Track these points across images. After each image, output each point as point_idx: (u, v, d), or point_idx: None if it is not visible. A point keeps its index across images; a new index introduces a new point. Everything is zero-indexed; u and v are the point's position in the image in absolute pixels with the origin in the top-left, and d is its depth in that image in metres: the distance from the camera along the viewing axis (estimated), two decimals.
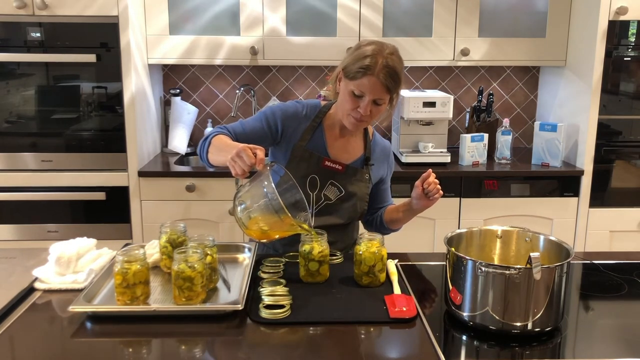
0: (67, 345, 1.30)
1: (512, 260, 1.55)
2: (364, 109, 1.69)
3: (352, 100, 1.70)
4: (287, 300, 1.44)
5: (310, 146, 1.82)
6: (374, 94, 1.67)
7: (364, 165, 1.88)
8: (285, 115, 1.83)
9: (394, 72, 1.67)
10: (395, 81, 1.68)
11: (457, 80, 3.50)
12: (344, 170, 1.83)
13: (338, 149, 1.86)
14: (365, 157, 1.88)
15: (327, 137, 1.84)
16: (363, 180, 1.87)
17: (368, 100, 1.68)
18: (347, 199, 1.86)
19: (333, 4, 3.04)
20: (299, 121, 1.83)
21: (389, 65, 1.66)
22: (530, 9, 3.15)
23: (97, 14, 2.76)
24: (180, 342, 1.31)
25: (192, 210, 2.94)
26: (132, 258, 1.41)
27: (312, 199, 1.83)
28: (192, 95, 3.46)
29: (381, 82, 1.66)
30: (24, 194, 2.90)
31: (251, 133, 1.81)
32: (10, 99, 2.86)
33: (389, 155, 1.98)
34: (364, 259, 1.59)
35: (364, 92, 1.68)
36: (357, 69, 1.67)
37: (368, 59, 1.66)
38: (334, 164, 1.82)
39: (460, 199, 3.00)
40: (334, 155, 1.85)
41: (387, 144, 1.99)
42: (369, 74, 1.65)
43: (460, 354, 1.32)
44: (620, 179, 3.05)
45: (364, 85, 1.67)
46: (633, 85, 2.98)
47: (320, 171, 1.82)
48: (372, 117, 1.73)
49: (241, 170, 1.48)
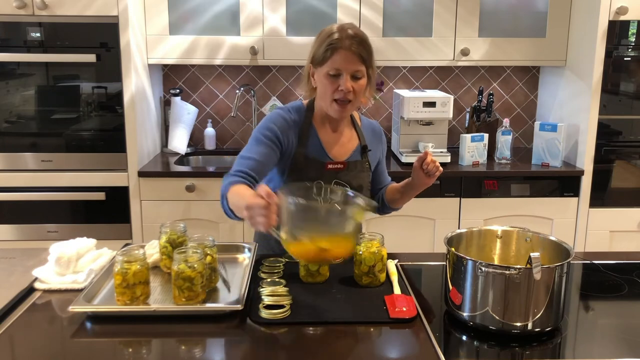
0: (67, 345, 1.30)
1: (512, 260, 1.55)
2: (345, 85, 1.65)
3: (331, 82, 1.67)
4: (287, 300, 1.44)
5: (310, 152, 1.79)
6: (349, 66, 1.65)
7: (362, 155, 1.87)
8: (280, 126, 1.76)
9: (362, 40, 1.65)
10: (366, 49, 1.66)
11: (457, 80, 3.50)
12: (346, 167, 1.82)
13: (335, 145, 1.83)
14: (361, 147, 1.87)
15: (321, 137, 1.81)
16: (364, 170, 1.86)
17: (346, 76, 1.65)
18: None
19: (333, 4, 3.04)
20: (289, 127, 1.77)
21: (355, 35, 1.65)
22: (530, 9, 3.15)
23: (97, 14, 2.76)
24: (180, 342, 1.31)
25: (192, 210, 2.94)
26: (132, 258, 1.41)
27: (320, 202, 1.80)
28: (192, 95, 3.46)
29: (353, 52, 1.63)
30: (24, 194, 2.90)
31: (264, 159, 1.71)
32: (10, 99, 2.86)
33: (380, 135, 1.96)
34: (364, 259, 1.59)
35: (339, 68, 1.65)
36: (325, 48, 1.65)
37: (333, 35, 1.65)
38: (336, 164, 1.81)
39: (460, 199, 3.00)
40: (333, 153, 1.82)
41: (375, 123, 1.97)
42: (338, 49, 1.64)
43: (460, 354, 1.32)
44: (620, 179, 3.05)
45: (336, 61, 1.64)
46: (633, 85, 2.98)
47: (324, 175, 1.79)
48: (355, 95, 1.69)
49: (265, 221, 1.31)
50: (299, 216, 1.35)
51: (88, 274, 1.59)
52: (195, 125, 3.42)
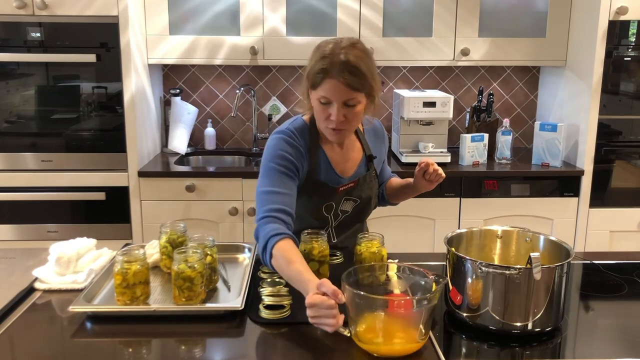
0: (67, 345, 1.30)
1: (512, 260, 1.55)
2: (335, 116, 1.55)
3: (323, 109, 1.57)
4: (287, 301, 1.44)
5: (321, 175, 1.71)
6: (339, 96, 1.53)
7: (369, 165, 1.81)
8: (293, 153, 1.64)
9: (353, 68, 1.51)
10: (359, 77, 1.52)
11: (457, 80, 3.50)
12: (357, 184, 1.77)
13: (342, 163, 1.76)
14: (367, 157, 1.81)
15: (329, 156, 1.73)
16: (373, 181, 1.82)
17: (337, 106, 1.54)
18: (363, 205, 1.81)
19: (333, 4, 3.04)
20: (299, 153, 1.66)
21: (346, 62, 1.50)
22: (531, 9, 3.15)
23: (97, 14, 2.75)
24: (180, 342, 1.31)
25: (192, 210, 2.94)
26: (132, 258, 1.41)
27: (330, 219, 1.78)
28: (192, 95, 3.46)
29: (341, 83, 1.51)
30: (24, 194, 2.89)
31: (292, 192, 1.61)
32: (10, 99, 2.86)
33: (383, 135, 1.90)
34: (364, 259, 1.59)
35: (329, 97, 1.54)
36: (315, 73, 1.53)
37: (324, 61, 1.52)
38: (347, 185, 1.74)
39: (460, 199, 3.00)
40: (341, 170, 1.75)
41: (376, 123, 1.87)
42: (327, 77, 1.52)
43: (460, 354, 1.32)
44: (620, 179, 3.05)
45: (326, 90, 1.53)
46: (633, 85, 2.98)
47: (335, 197, 1.75)
48: (350, 122, 1.59)
49: (334, 322, 1.23)
50: (360, 308, 1.25)
51: (88, 274, 1.59)
52: (195, 125, 3.42)
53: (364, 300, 1.23)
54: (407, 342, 1.23)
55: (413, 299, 1.30)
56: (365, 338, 1.24)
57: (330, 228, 1.81)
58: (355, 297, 1.23)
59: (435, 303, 1.24)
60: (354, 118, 1.60)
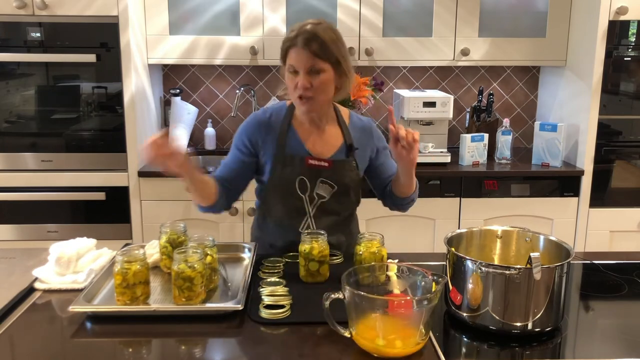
0: (67, 345, 1.30)
1: (512, 260, 1.55)
2: (301, 82, 1.67)
3: (291, 79, 1.70)
4: (287, 300, 1.44)
5: (289, 150, 1.79)
6: (302, 63, 1.66)
7: (349, 154, 1.83)
8: (249, 130, 1.82)
9: (314, 36, 1.65)
10: (320, 44, 1.65)
11: (457, 80, 3.50)
12: (331, 166, 1.79)
13: (317, 144, 1.82)
14: (347, 145, 1.83)
15: (301, 136, 1.81)
16: (352, 170, 1.82)
17: (302, 73, 1.67)
18: (341, 193, 1.82)
19: (333, 4, 3.04)
20: (266, 129, 1.80)
21: (308, 31, 1.66)
22: (530, 9, 3.15)
23: (97, 14, 2.76)
24: (180, 342, 1.31)
25: (192, 210, 2.93)
26: (132, 258, 1.41)
27: (305, 201, 1.81)
28: (192, 95, 3.46)
29: (304, 49, 1.65)
30: (24, 194, 2.89)
31: (231, 168, 1.83)
32: (10, 99, 2.86)
33: (370, 132, 1.89)
34: (364, 259, 1.59)
35: (294, 65, 1.67)
36: (282, 46, 1.70)
37: (290, 34, 1.69)
38: (319, 161, 1.79)
39: (460, 199, 3.00)
40: (316, 152, 1.81)
41: (366, 121, 1.91)
42: (292, 47, 1.67)
43: (460, 354, 1.32)
44: (620, 179, 3.05)
45: (292, 58, 1.68)
46: (633, 85, 2.98)
47: (306, 172, 1.79)
48: (318, 90, 1.68)
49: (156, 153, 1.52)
50: (361, 308, 1.25)
51: (88, 274, 1.59)
52: (195, 125, 3.42)
53: (364, 300, 1.23)
54: (407, 343, 1.23)
55: (413, 299, 1.30)
56: (365, 338, 1.24)
57: (309, 217, 1.82)
58: (355, 297, 1.23)
59: (435, 303, 1.24)
60: (320, 86, 1.69)
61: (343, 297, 1.26)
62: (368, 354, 1.24)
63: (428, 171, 2.98)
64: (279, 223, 1.85)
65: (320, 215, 1.83)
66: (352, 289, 1.24)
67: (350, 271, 1.32)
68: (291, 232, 1.82)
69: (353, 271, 1.34)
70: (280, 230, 1.86)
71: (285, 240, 1.84)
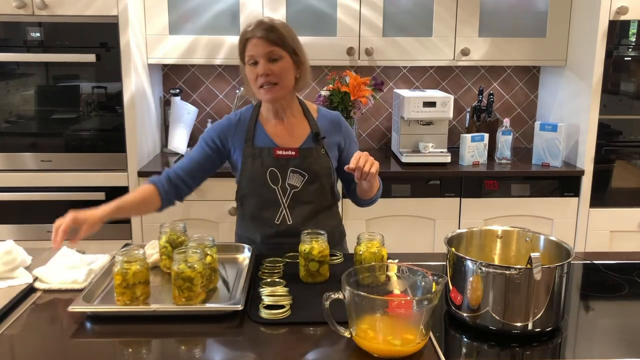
0: (67, 345, 1.30)
1: (513, 260, 1.55)
2: (260, 69, 1.74)
3: (252, 71, 1.77)
4: (287, 301, 1.44)
5: (257, 144, 1.85)
6: (259, 50, 1.74)
7: (316, 142, 1.86)
8: (218, 128, 1.89)
9: (267, 25, 1.74)
10: (274, 31, 1.74)
11: (457, 80, 3.50)
12: (298, 154, 1.83)
13: (284, 137, 1.87)
14: (314, 134, 1.87)
15: (267, 130, 1.88)
16: (320, 157, 1.86)
17: (262, 61, 1.74)
18: (312, 181, 1.85)
19: (333, 4, 3.04)
20: (234, 128, 1.87)
21: (261, 22, 1.76)
22: (531, 9, 3.14)
23: (97, 14, 2.75)
24: (180, 342, 1.31)
25: (192, 210, 2.94)
26: (132, 258, 1.41)
27: (278, 192, 1.84)
28: (192, 95, 3.46)
29: (259, 37, 1.73)
30: (24, 194, 2.89)
31: (196, 160, 1.87)
32: (10, 99, 2.86)
33: (338, 123, 1.93)
34: (364, 259, 1.59)
35: (253, 55, 1.75)
36: (239, 43, 1.79)
37: (245, 31, 1.77)
38: (286, 150, 1.83)
39: (460, 199, 3.00)
40: (283, 144, 1.86)
41: (334, 114, 1.96)
42: (250, 39, 1.75)
43: (460, 354, 1.32)
44: (620, 179, 3.05)
45: (250, 49, 1.75)
46: (633, 85, 2.98)
47: (275, 163, 1.83)
48: (278, 76, 1.76)
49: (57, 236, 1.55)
50: (361, 308, 1.25)
51: (88, 274, 1.59)
52: (195, 125, 3.42)
53: (364, 301, 1.23)
54: (407, 343, 1.23)
55: (413, 299, 1.30)
56: (365, 338, 1.24)
57: (283, 208, 1.84)
58: (355, 297, 1.23)
59: (435, 303, 1.24)
60: (281, 72, 1.76)
61: (343, 297, 1.26)
62: (368, 354, 1.24)
63: (428, 171, 2.98)
64: (255, 216, 1.89)
65: (294, 205, 1.85)
66: (352, 289, 1.24)
67: (350, 271, 1.32)
68: (267, 224, 1.86)
69: (353, 271, 1.34)
70: (256, 224, 1.88)
71: (263, 234, 1.87)
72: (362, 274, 1.37)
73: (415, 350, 1.24)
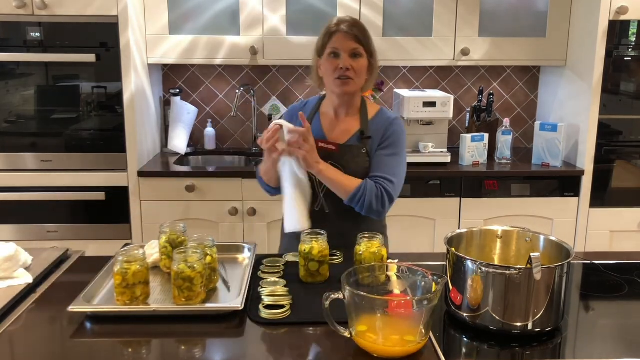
0: (67, 345, 1.30)
1: (513, 260, 1.55)
2: (344, 62, 1.80)
3: (332, 62, 1.82)
4: (287, 300, 1.44)
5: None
6: (345, 45, 1.80)
7: (360, 140, 1.88)
8: (287, 115, 1.99)
9: (355, 22, 1.84)
10: (361, 30, 1.82)
11: (457, 80, 3.50)
12: (338, 149, 1.86)
13: (336, 132, 1.92)
14: (360, 132, 1.89)
15: (323, 123, 1.94)
16: (360, 156, 1.87)
17: (344, 55, 1.80)
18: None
19: (333, 3, 3.04)
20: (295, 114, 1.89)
21: (349, 19, 1.84)
22: (531, 9, 3.14)
23: (97, 14, 2.75)
24: (180, 342, 1.31)
25: (192, 210, 2.94)
26: (132, 258, 1.41)
27: (315, 182, 1.87)
28: (192, 95, 3.46)
29: (347, 33, 1.80)
30: (24, 194, 2.89)
31: None
32: (10, 99, 2.86)
33: (385, 126, 1.88)
34: (364, 259, 1.59)
35: (337, 47, 1.81)
36: (323, 36, 1.84)
37: (330, 24, 1.85)
38: (328, 144, 1.86)
39: (460, 199, 3.00)
40: (332, 138, 1.90)
41: (388, 116, 1.92)
42: (334, 32, 1.82)
43: (460, 354, 1.32)
44: (620, 179, 3.05)
45: (334, 42, 1.81)
46: (633, 85, 2.98)
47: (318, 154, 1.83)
48: (356, 73, 1.82)
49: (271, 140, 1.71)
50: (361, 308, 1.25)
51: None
52: (195, 125, 3.42)
53: (364, 301, 1.23)
54: (407, 343, 1.23)
55: (413, 299, 1.30)
56: (365, 338, 1.24)
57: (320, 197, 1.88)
58: (355, 297, 1.23)
59: (435, 303, 1.24)
60: (359, 69, 1.83)
61: (343, 297, 1.26)
62: (368, 354, 1.24)
63: (428, 171, 2.98)
64: None
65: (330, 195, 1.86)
66: (352, 289, 1.24)
67: (350, 271, 1.32)
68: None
69: (353, 271, 1.34)
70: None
71: None
72: (362, 274, 1.37)
73: (415, 350, 1.24)
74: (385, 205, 1.81)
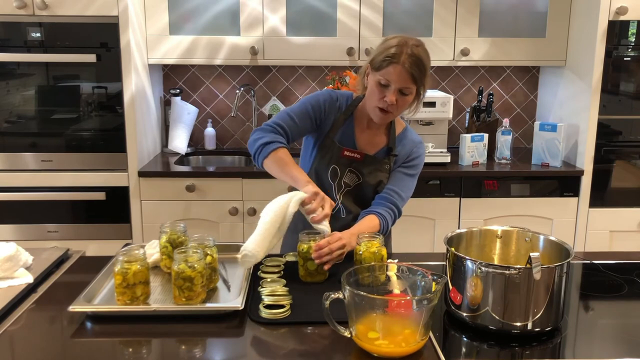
0: (67, 345, 1.30)
1: (512, 260, 1.55)
2: (390, 98, 1.72)
3: (379, 90, 1.74)
4: (287, 300, 1.44)
5: (338, 137, 1.87)
6: (399, 82, 1.71)
7: (387, 156, 1.90)
8: (326, 103, 1.88)
9: (418, 61, 1.70)
10: (421, 70, 1.71)
11: (457, 80, 3.50)
12: (363, 159, 1.87)
13: (365, 141, 1.90)
14: (388, 148, 1.90)
15: (355, 129, 1.90)
16: (383, 170, 1.89)
17: (394, 89, 1.72)
18: (364, 186, 1.88)
19: (333, 4, 3.04)
20: (334, 110, 1.88)
21: (414, 54, 1.70)
22: (530, 9, 3.15)
23: (97, 14, 2.76)
24: (180, 342, 1.31)
25: (192, 210, 2.94)
26: (132, 258, 1.41)
27: (334, 188, 1.88)
28: (192, 95, 3.46)
29: (406, 70, 1.69)
30: (24, 194, 2.89)
31: (300, 123, 1.85)
32: (10, 99, 2.86)
33: (415, 146, 1.92)
34: (364, 259, 1.59)
35: (390, 80, 1.71)
36: (383, 58, 1.72)
37: (393, 49, 1.71)
38: (353, 153, 1.86)
39: (460, 199, 3.00)
40: (361, 146, 1.89)
41: (413, 139, 1.95)
42: (394, 63, 1.70)
43: (460, 354, 1.32)
44: (620, 179, 3.05)
45: (389, 73, 1.71)
46: (633, 85, 2.98)
47: (340, 161, 1.87)
48: (398, 108, 1.77)
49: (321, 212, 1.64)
50: (361, 308, 1.25)
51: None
52: (195, 125, 3.42)
53: (364, 300, 1.23)
54: (407, 342, 1.23)
55: (413, 299, 1.30)
56: (365, 338, 1.24)
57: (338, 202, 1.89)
58: (355, 297, 1.23)
59: (435, 303, 1.24)
60: (402, 106, 1.78)
61: (343, 297, 1.26)
62: (368, 354, 1.24)
63: (428, 171, 2.97)
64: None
65: (347, 201, 1.89)
66: (352, 289, 1.24)
67: (350, 271, 1.32)
68: None
69: (353, 271, 1.34)
70: None
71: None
72: (362, 273, 1.37)
73: (415, 350, 1.24)
74: (396, 220, 1.90)
